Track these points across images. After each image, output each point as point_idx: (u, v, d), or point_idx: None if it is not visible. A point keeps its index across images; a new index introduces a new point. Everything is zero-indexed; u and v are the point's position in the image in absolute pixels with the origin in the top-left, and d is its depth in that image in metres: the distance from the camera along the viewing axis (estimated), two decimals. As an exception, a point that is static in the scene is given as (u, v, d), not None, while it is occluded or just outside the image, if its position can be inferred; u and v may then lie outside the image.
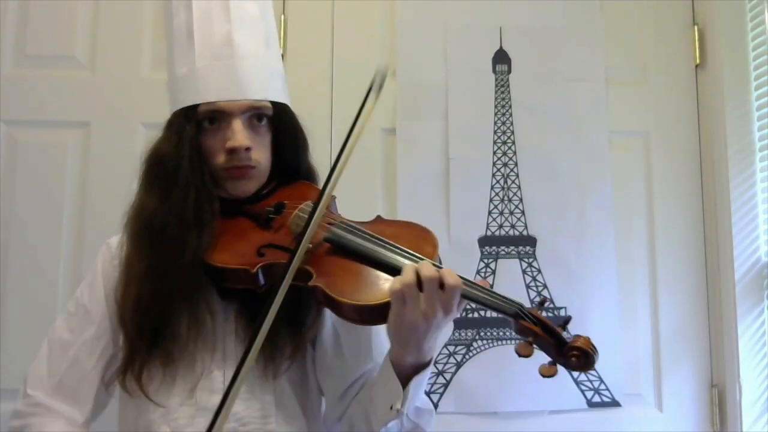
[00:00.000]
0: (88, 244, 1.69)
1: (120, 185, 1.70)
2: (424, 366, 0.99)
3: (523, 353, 0.92)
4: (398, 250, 1.00)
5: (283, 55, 1.80)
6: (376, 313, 0.96)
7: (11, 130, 1.75)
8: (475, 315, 1.71)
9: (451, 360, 1.69)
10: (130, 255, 1.09)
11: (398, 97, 1.79)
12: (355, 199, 1.74)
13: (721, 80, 1.78)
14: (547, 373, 0.92)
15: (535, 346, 0.93)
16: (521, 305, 0.95)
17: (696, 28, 1.87)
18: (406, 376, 0.99)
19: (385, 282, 0.97)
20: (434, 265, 0.96)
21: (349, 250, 1.01)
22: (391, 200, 1.76)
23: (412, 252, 0.99)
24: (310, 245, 1.00)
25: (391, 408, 0.99)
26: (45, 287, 1.69)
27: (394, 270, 0.97)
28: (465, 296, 0.96)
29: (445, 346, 1.69)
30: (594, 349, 0.92)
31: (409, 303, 0.93)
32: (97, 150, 1.75)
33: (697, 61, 1.86)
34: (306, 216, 1.05)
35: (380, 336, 1.13)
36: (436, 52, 1.81)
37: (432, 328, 0.95)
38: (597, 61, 1.84)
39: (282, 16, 1.81)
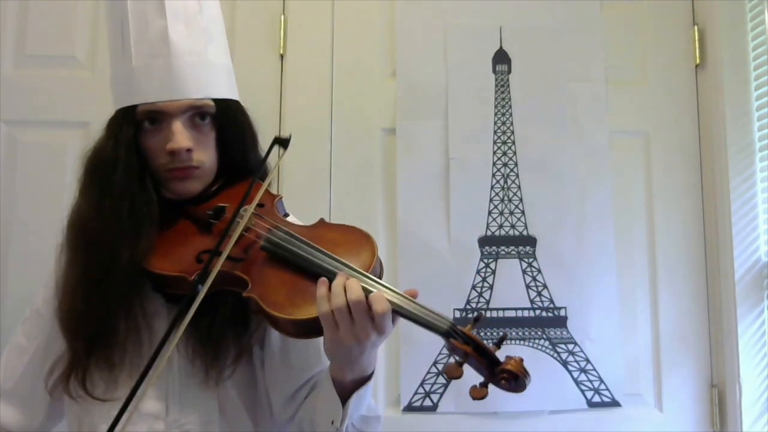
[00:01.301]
0: (88, 244, 1.69)
1: (120, 185, 1.73)
2: (365, 380, 0.98)
3: (452, 374, 0.88)
4: (334, 261, 0.97)
5: (282, 55, 1.80)
6: (311, 327, 0.94)
7: (11, 130, 1.75)
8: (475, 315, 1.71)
9: (451, 360, 1.69)
10: (66, 262, 1.07)
11: (398, 97, 1.79)
12: (355, 199, 1.76)
13: (721, 80, 1.78)
14: (477, 395, 0.88)
15: (466, 365, 0.89)
16: (453, 324, 0.92)
17: (696, 28, 1.87)
18: (347, 390, 0.98)
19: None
20: (369, 279, 0.93)
21: (285, 260, 0.99)
22: (391, 200, 1.76)
23: (346, 262, 0.97)
24: (244, 255, 0.99)
25: (332, 423, 0.98)
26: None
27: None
28: (397, 313, 0.93)
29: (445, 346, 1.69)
30: (524, 372, 0.88)
31: (341, 326, 0.91)
32: (97, 150, 1.75)
33: (697, 61, 1.86)
34: (241, 220, 1.03)
35: None
36: (436, 52, 1.81)
37: (367, 348, 0.94)
38: (597, 61, 1.84)
39: (282, 16, 1.81)
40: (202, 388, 1.04)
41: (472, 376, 0.92)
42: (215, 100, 1.07)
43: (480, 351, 0.90)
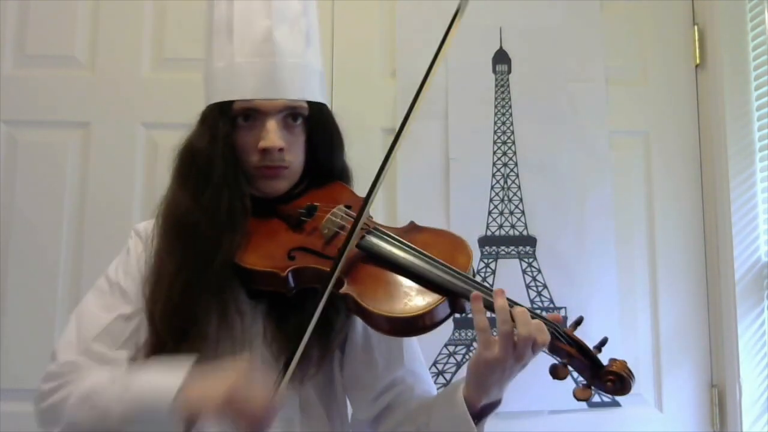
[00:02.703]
0: (88, 243, 1.69)
1: (120, 185, 1.73)
2: (496, 404, 0.98)
3: (558, 375, 0.90)
4: (432, 262, 0.98)
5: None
6: (408, 326, 0.95)
7: (11, 130, 1.75)
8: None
9: (451, 360, 1.69)
10: (160, 251, 1.06)
11: (398, 97, 1.78)
12: (355, 199, 1.76)
13: (721, 80, 1.78)
14: (582, 396, 0.90)
15: (569, 367, 0.91)
16: (557, 326, 0.93)
17: (696, 28, 1.87)
18: (476, 413, 0.97)
19: (417, 294, 0.95)
20: (533, 312, 0.94)
21: (382, 259, 1.00)
22: (391, 200, 1.76)
23: (446, 264, 0.98)
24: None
25: None
26: (45, 287, 1.69)
27: (426, 282, 0.96)
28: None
29: (445, 345, 1.69)
30: (630, 373, 0.90)
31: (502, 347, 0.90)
32: (97, 150, 1.75)
33: (697, 61, 1.86)
34: (338, 220, 1.04)
35: (412, 342, 1.13)
36: (436, 52, 1.80)
37: (515, 372, 0.93)
38: (597, 61, 1.84)
39: (282, 16, 1.81)
40: (286, 386, 1.04)
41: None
42: (309, 103, 1.09)
43: (584, 353, 0.91)
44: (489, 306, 0.92)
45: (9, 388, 1.61)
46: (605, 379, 0.90)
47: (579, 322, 0.95)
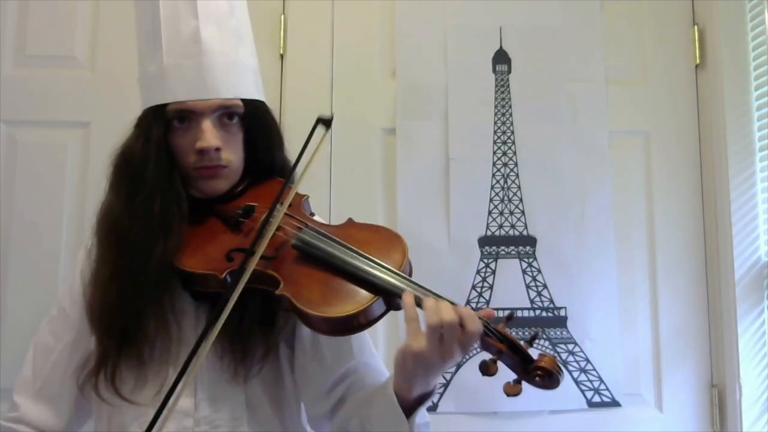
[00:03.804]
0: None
1: (120, 185, 1.73)
2: (429, 394, 0.98)
3: (487, 371, 0.90)
4: (367, 260, 0.98)
5: (282, 55, 1.80)
6: (344, 325, 0.95)
7: (11, 130, 1.75)
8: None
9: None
10: (97, 258, 1.08)
11: (398, 97, 1.79)
12: (355, 199, 1.76)
13: (721, 80, 1.78)
14: (512, 391, 0.90)
15: (499, 363, 0.91)
16: (487, 322, 0.93)
17: (696, 28, 1.87)
18: (408, 403, 0.97)
19: (352, 293, 0.96)
20: (451, 303, 0.94)
21: (317, 259, 1.00)
22: (391, 200, 1.76)
23: (380, 261, 0.98)
24: (275, 253, 1.00)
25: None
26: (45, 287, 1.68)
27: (360, 281, 0.96)
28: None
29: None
30: (559, 369, 0.90)
31: (432, 343, 0.91)
32: (97, 150, 1.75)
33: (697, 61, 1.86)
34: (274, 220, 1.03)
35: (361, 333, 1.13)
36: (436, 52, 1.81)
37: (447, 366, 0.94)
38: (597, 61, 1.84)
39: (282, 16, 1.81)
40: (230, 384, 1.04)
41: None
42: (244, 101, 1.08)
43: (514, 349, 0.92)
44: (420, 302, 0.93)
45: (9, 388, 1.60)
46: (534, 374, 0.90)
47: (510, 317, 0.95)
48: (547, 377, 0.90)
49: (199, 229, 1.07)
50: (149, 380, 1.04)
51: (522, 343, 0.93)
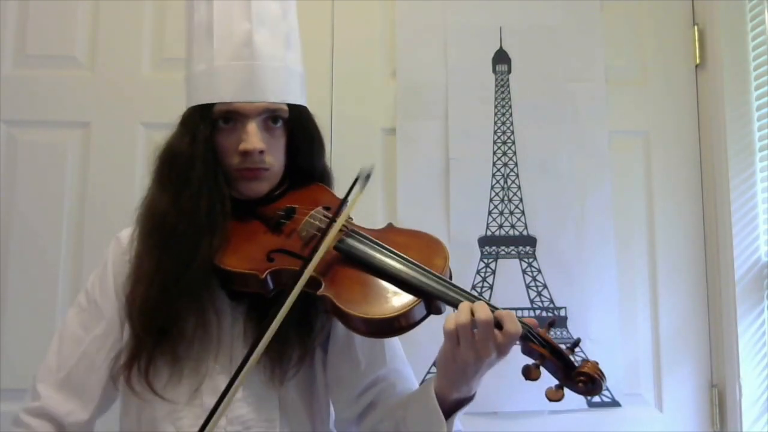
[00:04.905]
0: (88, 243, 1.69)
1: (120, 185, 1.73)
2: (468, 399, 0.99)
3: (530, 376, 0.90)
4: (409, 264, 0.99)
5: (283, 55, 1.80)
6: (385, 327, 0.95)
7: (11, 130, 1.75)
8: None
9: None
10: (140, 253, 1.08)
11: (398, 97, 1.79)
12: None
13: (721, 80, 1.78)
14: (554, 397, 0.91)
15: (542, 368, 0.91)
16: (530, 327, 0.94)
17: (696, 28, 1.87)
18: (448, 407, 0.98)
19: (394, 295, 0.96)
20: (489, 306, 0.94)
21: (359, 261, 1.01)
22: (391, 200, 1.76)
23: (422, 265, 0.98)
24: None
25: None
26: (45, 287, 1.69)
27: (402, 284, 0.97)
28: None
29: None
30: (601, 374, 0.90)
31: (462, 343, 0.92)
32: (97, 150, 1.75)
33: (697, 61, 1.86)
34: (316, 222, 1.05)
35: (393, 340, 1.14)
36: (436, 52, 1.81)
37: (484, 368, 0.94)
38: (597, 61, 1.84)
39: (282, 16, 1.81)
40: (266, 386, 1.05)
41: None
42: (289, 106, 1.10)
43: (556, 354, 0.92)
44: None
45: (9, 388, 1.61)
46: (577, 380, 0.91)
47: (552, 323, 0.96)
48: (590, 383, 0.90)
49: (240, 229, 1.08)
50: (184, 378, 1.05)
51: (564, 347, 0.93)
